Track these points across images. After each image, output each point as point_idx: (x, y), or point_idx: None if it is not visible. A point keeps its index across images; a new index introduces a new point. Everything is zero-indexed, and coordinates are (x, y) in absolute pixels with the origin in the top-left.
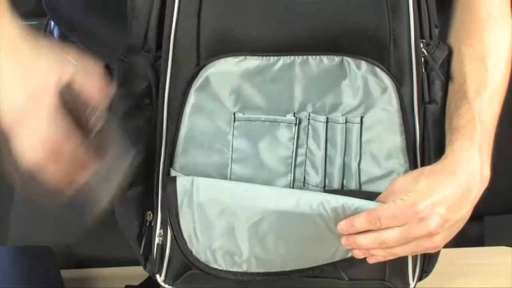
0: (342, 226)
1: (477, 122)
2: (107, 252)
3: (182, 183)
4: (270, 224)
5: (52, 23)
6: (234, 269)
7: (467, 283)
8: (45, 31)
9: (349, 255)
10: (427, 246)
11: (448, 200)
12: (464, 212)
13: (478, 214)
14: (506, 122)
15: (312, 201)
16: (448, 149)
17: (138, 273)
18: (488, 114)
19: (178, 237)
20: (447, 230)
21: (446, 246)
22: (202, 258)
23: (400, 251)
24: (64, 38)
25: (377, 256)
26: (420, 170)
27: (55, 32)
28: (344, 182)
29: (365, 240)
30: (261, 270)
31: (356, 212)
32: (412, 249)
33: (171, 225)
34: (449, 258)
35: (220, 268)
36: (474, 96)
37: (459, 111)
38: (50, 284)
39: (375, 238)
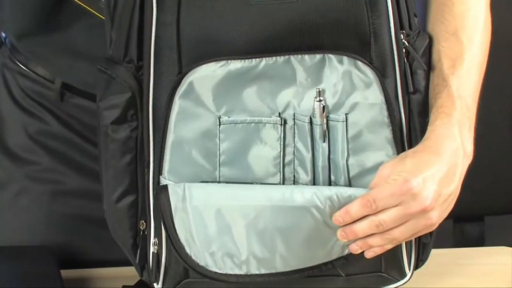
0: (338, 216)
1: (455, 99)
2: (107, 252)
3: (174, 189)
4: (266, 220)
5: (3, 34)
6: (234, 271)
7: (467, 283)
8: None
9: (346, 252)
10: (424, 223)
11: (437, 175)
12: (454, 186)
13: (478, 214)
14: (506, 123)
15: (305, 192)
16: (429, 129)
17: (137, 273)
18: (466, 88)
19: (175, 243)
20: (441, 205)
21: (446, 246)
22: (201, 262)
23: (397, 234)
24: (15, 48)
25: (375, 247)
26: (403, 153)
27: (7, 41)
28: (333, 179)
29: (361, 225)
30: (261, 271)
31: (350, 200)
32: (409, 230)
33: (167, 231)
34: (449, 258)
35: (220, 272)
36: (450, 72)
37: (436, 89)
38: (50, 284)
39: (371, 221)
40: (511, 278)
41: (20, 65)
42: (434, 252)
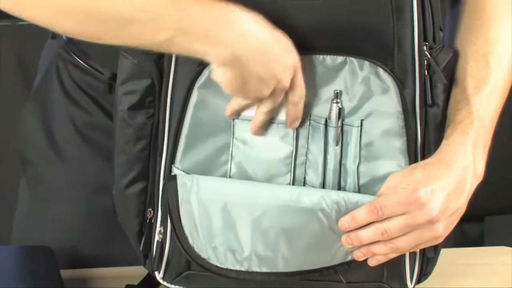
0: (344, 222)
1: (474, 118)
2: (107, 252)
3: (183, 180)
4: (271, 219)
5: None
6: (235, 267)
7: (467, 283)
8: (53, 32)
9: (349, 258)
10: (429, 235)
11: (446, 188)
12: (461, 201)
13: (478, 214)
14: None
15: (313, 195)
16: (443, 143)
17: (138, 273)
18: (487, 110)
19: (179, 233)
20: (447, 218)
21: (446, 246)
22: (204, 255)
23: (402, 244)
24: (70, 39)
25: (378, 255)
26: (414, 164)
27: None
28: (343, 184)
29: (367, 232)
30: (262, 270)
31: (357, 206)
32: (414, 240)
33: (172, 221)
34: (449, 258)
35: (221, 266)
36: (473, 92)
37: (457, 106)
38: (50, 284)
39: (377, 228)
40: (511, 278)
41: (74, 55)
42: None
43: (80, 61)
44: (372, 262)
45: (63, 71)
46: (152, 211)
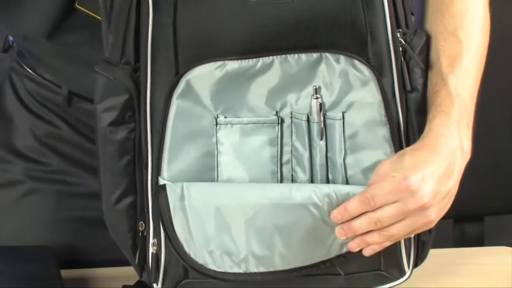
0: (336, 214)
1: (454, 97)
2: (107, 252)
3: (173, 189)
4: (264, 218)
5: (11, 38)
6: (233, 270)
7: (467, 283)
8: (4, 46)
9: (344, 250)
10: (422, 221)
11: (435, 172)
12: (452, 184)
13: (478, 214)
14: (506, 122)
15: (303, 190)
16: (427, 128)
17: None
18: (465, 86)
19: (174, 242)
20: (439, 203)
21: (446, 246)
22: (200, 261)
23: (396, 231)
24: (22, 52)
25: (373, 244)
26: (402, 151)
27: (15, 45)
28: (331, 177)
29: (359, 222)
30: (260, 270)
31: (348, 197)
32: (407, 227)
33: (165, 230)
34: (449, 258)
35: (219, 270)
36: (448, 71)
37: (435, 88)
38: (50, 284)
39: (369, 218)
40: (511, 278)
41: (28, 69)
42: (434, 252)
43: (35, 74)
44: (367, 252)
45: (18, 85)
46: (143, 224)
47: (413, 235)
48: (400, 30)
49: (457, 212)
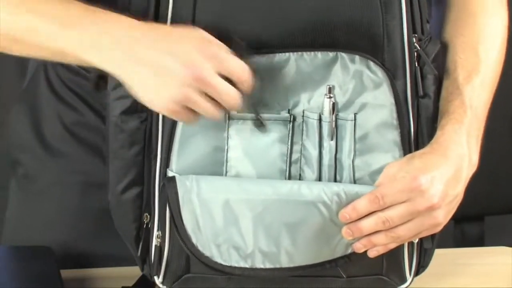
0: (344, 213)
1: (467, 108)
2: (107, 252)
3: (182, 181)
4: (273, 214)
5: None
6: (239, 264)
7: (467, 283)
8: None
9: (349, 251)
10: (430, 222)
11: (444, 176)
12: (459, 189)
13: (478, 214)
14: (506, 123)
15: (313, 188)
16: (438, 133)
17: (137, 273)
18: (479, 100)
19: (182, 232)
20: (447, 206)
21: (446, 246)
22: (207, 253)
23: (403, 233)
24: None
25: (379, 245)
26: (411, 154)
27: None
28: (338, 178)
29: (367, 222)
30: (266, 266)
31: (357, 196)
32: (414, 228)
33: (174, 221)
34: (449, 258)
35: (225, 264)
36: (465, 82)
37: (449, 97)
38: (50, 284)
39: (378, 217)
40: (511, 278)
41: None
42: (434, 252)
43: None
44: (372, 253)
45: (50, 71)
46: (148, 216)
47: (416, 242)
48: (416, 35)
49: (457, 212)
